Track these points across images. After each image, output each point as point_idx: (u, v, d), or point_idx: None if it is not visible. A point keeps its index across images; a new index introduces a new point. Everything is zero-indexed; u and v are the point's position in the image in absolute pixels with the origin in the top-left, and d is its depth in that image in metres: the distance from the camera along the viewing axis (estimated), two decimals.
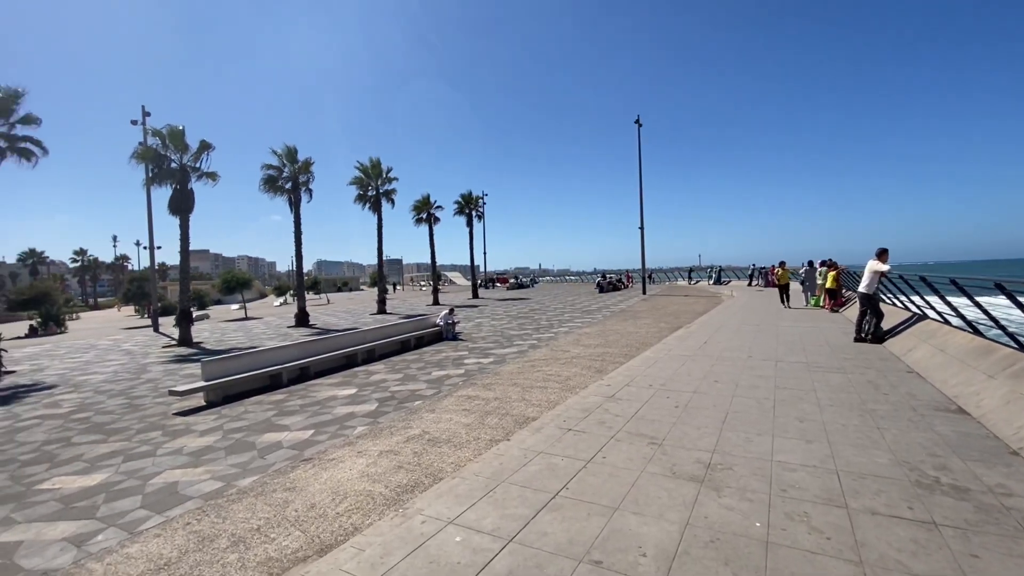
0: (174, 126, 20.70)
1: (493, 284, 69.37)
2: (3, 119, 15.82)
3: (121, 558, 4.20)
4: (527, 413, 7.52)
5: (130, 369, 14.61)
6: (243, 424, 8.22)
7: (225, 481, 5.84)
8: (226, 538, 4.39)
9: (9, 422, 9.21)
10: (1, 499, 5.70)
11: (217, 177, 21.55)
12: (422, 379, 10.96)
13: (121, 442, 7.61)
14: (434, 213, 37.85)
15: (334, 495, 5.12)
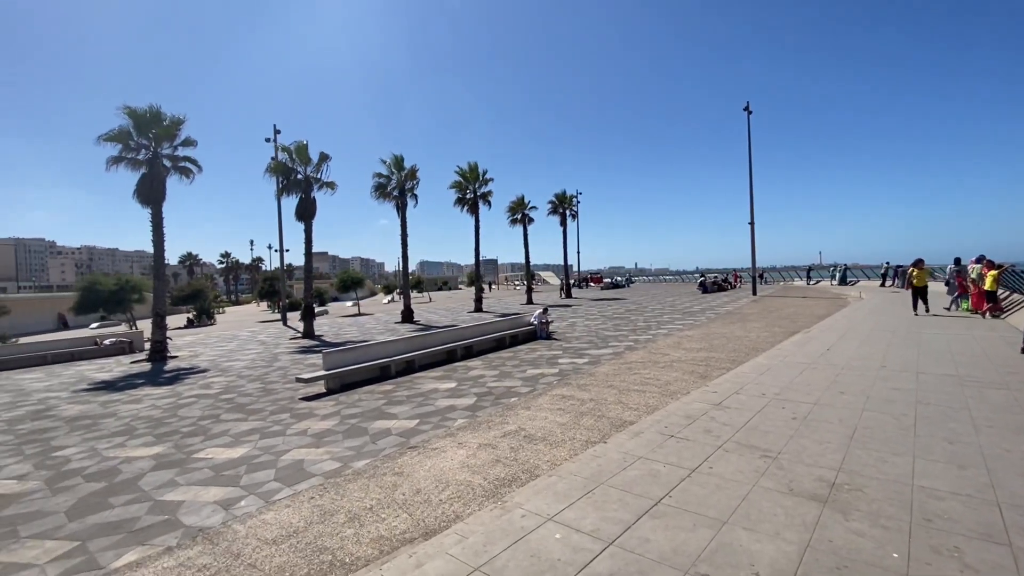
0: (300, 142, 23.15)
1: (587, 284, 68.56)
2: (168, 143, 18.80)
3: (259, 523, 4.77)
4: (624, 416, 7.32)
5: (264, 358, 16.59)
6: (357, 411, 8.95)
7: (342, 462, 6.39)
8: (344, 514, 4.80)
9: (173, 399, 10.91)
10: (168, 464, 6.77)
11: (335, 186, 23.74)
12: (517, 376, 11.13)
13: (258, 421, 8.66)
14: (528, 213, 38.32)
15: (437, 482, 5.38)
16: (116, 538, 4.71)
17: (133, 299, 27.11)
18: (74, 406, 10.72)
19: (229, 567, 3.99)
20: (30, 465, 7.01)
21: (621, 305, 30.91)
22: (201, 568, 4.00)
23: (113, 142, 17.52)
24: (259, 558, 4.09)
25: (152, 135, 18.04)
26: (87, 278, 29.88)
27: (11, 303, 34.20)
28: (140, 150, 18.00)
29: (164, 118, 18.19)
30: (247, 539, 4.44)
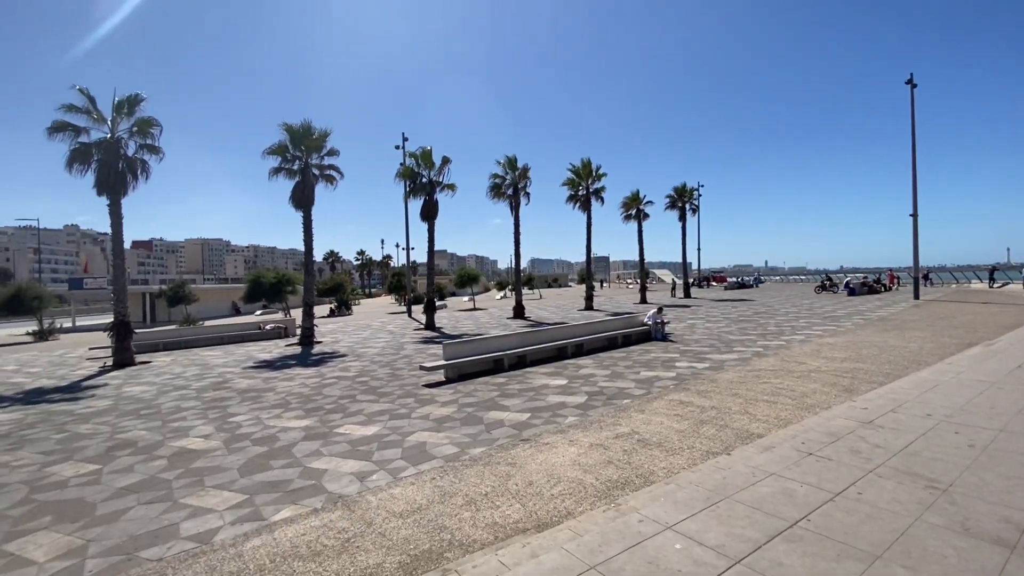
0: (425, 147, 24.84)
1: (708, 283, 64.24)
2: (316, 154, 21.33)
3: (388, 497, 5.21)
4: (751, 428, 6.73)
5: (392, 346, 18.12)
6: (473, 400, 9.37)
7: (460, 448, 6.74)
8: (461, 497, 5.06)
9: (318, 380, 12.37)
10: (314, 436, 7.69)
11: (455, 188, 25.09)
12: (630, 377, 10.80)
13: (387, 404, 9.47)
14: (643, 209, 36.92)
15: (549, 477, 5.43)
16: (275, 495, 5.48)
17: (288, 291, 31.34)
18: (244, 380, 12.68)
19: (363, 533, 4.42)
20: (212, 427, 8.44)
21: (748, 307, 28.46)
22: (340, 531, 4.48)
23: (274, 155, 20.34)
24: (388, 528, 4.47)
25: (304, 147, 20.61)
26: (253, 272, 35.29)
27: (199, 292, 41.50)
28: (294, 161, 20.67)
29: (313, 132, 20.65)
30: (378, 510, 4.88)
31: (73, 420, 9.31)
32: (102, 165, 16.33)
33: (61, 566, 4.23)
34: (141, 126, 16.87)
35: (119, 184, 16.53)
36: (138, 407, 10.17)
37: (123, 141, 16.76)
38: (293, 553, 4.13)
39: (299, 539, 4.36)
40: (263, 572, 3.87)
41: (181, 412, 9.57)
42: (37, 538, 4.76)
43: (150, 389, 12.04)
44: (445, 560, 3.91)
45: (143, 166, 17.15)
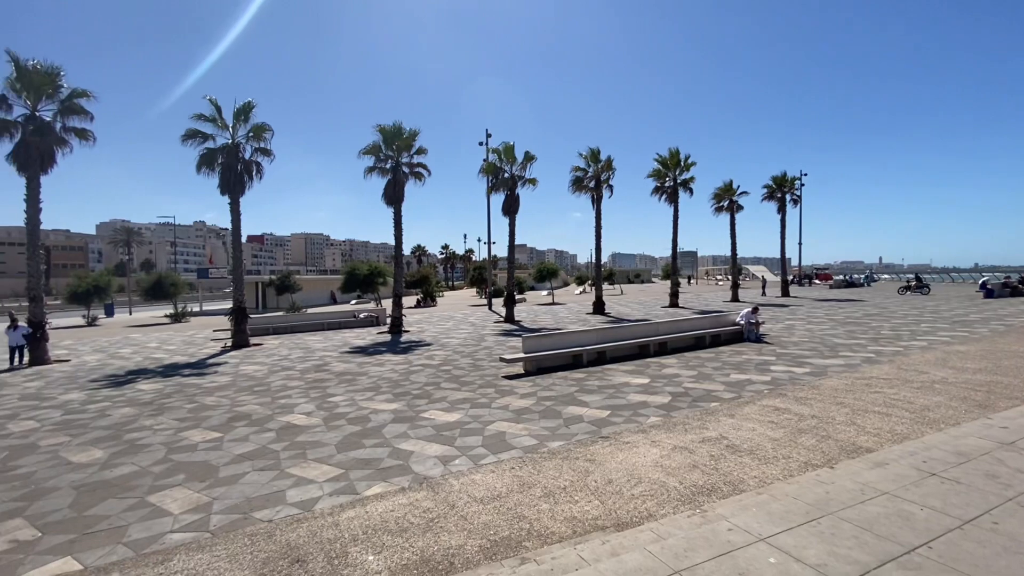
0: (507, 143, 25.15)
1: (809, 281, 58.98)
2: (407, 153, 22.42)
3: (469, 482, 5.38)
4: (859, 441, 6.10)
5: (474, 337, 18.64)
6: (552, 394, 9.39)
7: (538, 440, 6.79)
8: (540, 489, 5.10)
9: (406, 366, 13.05)
10: (402, 419, 8.13)
11: (536, 182, 25.14)
12: (719, 380, 10.23)
13: (469, 392, 9.78)
14: (737, 200, 34.62)
15: (629, 476, 5.31)
16: (367, 472, 5.87)
17: (379, 282, 33.36)
18: (340, 364, 13.71)
19: (446, 515, 4.61)
20: (313, 406, 9.22)
21: (858, 307, 25.77)
22: (425, 511, 4.71)
23: (368, 155, 21.67)
24: (469, 512, 4.62)
25: (395, 147, 21.74)
26: (349, 265, 37.98)
27: (303, 282, 45.45)
28: (387, 160, 21.88)
29: (404, 132, 21.71)
30: (460, 494, 5.06)
31: (200, 393, 10.62)
32: (224, 167, 18.36)
33: (191, 519, 4.85)
34: (256, 131, 18.72)
35: (238, 184, 18.50)
36: (252, 384, 11.36)
37: (241, 146, 18.71)
38: (383, 527, 4.41)
39: (388, 514, 4.65)
40: (356, 542, 4.17)
41: (287, 390, 10.55)
42: (173, 493, 5.49)
43: (261, 368, 13.40)
44: (523, 549, 3.96)
45: (257, 167, 19.05)
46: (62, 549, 4.36)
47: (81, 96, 16.19)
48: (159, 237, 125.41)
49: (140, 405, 9.61)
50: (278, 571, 3.78)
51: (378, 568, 3.76)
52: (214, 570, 3.83)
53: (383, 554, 3.96)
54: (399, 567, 3.77)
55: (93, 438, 7.60)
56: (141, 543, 4.41)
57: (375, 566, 3.79)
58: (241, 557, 4.01)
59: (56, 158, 16.00)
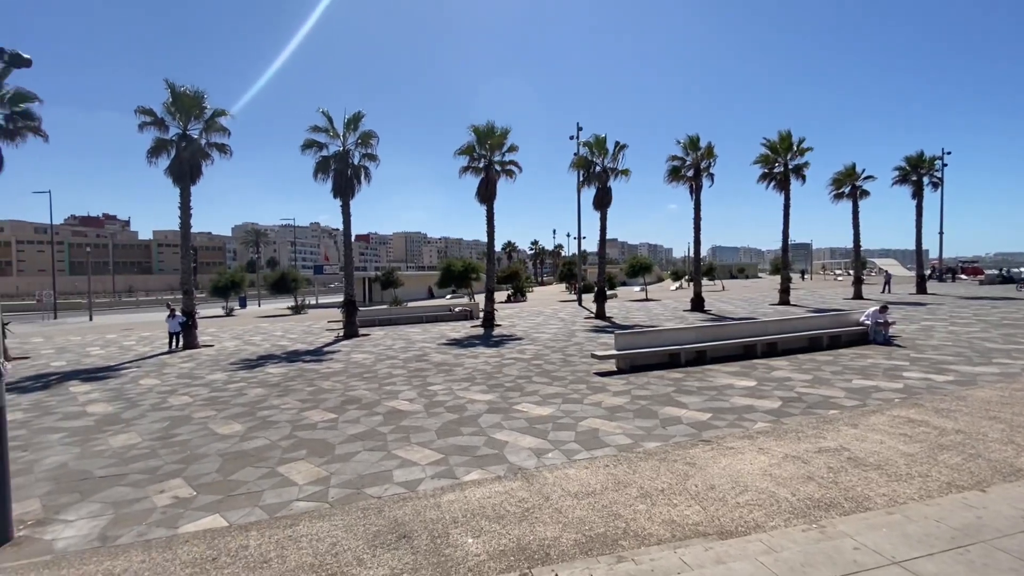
0: (598, 135, 24.68)
1: (952, 275, 51.12)
2: (498, 151, 22.91)
3: (563, 476, 5.40)
4: (1018, 463, 5.20)
5: (564, 333, 18.62)
6: (647, 393, 9.10)
7: (633, 439, 6.62)
8: (636, 489, 4.98)
9: (498, 359, 13.38)
10: (496, 410, 8.36)
11: (629, 173, 24.41)
12: (838, 385, 9.25)
13: (560, 387, 9.79)
14: (860, 185, 30.89)
15: (734, 483, 5.00)
16: (465, 459, 6.13)
17: (472, 277, 34.46)
18: (438, 355, 14.41)
19: (540, 506, 4.67)
20: (415, 393, 9.80)
21: (1016, 306, 21.88)
22: (521, 500, 4.81)
23: (463, 155, 22.45)
24: (564, 506, 4.64)
25: (488, 146, 22.30)
26: (445, 261, 39.77)
27: (403, 278, 48.37)
28: (480, 159, 22.51)
29: (496, 131, 22.19)
30: (554, 487, 5.10)
31: (318, 377, 11.74)
32: (337, 173, 20.06)
33: (313, 490, 5.40)
34: (364, 138, 20.22)
35: (349, 188, 20.13)
36: (361, 371, 12.34)
37: (351, 152, 20.31)
38: (481, 512, 4.58)
39: (486, 500, 4.82)
40: (456, 524, 4.38)
41: (392, 378, 11.32)
42: (297, 466, 6.15)
43: (369, 356, 14.50)
44: (620, 547, 3.90)
45: (365, 172, 20.58)
46: (211, 507, 5.07)
47: (220, 115, 18.57)
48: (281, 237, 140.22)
49: (269, 386, 10.87)
50: (387, 545, 4.09)
51: (477, 551, 3.92)
52: (332, 538, 4.24)
53: (481, 538, 4.11)
54: (497, 552, 3.89)
55: (233, 413, 8.73)
56: (273, 508, 4.99)
57: (474, 549, 3.95)
58: (356, 528, 4.39)
59: (202, 170, 18.56)
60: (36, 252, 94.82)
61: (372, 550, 4.01)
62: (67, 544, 4.42)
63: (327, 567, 3.80)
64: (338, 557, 3.92)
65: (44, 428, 8.16)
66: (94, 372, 13.40)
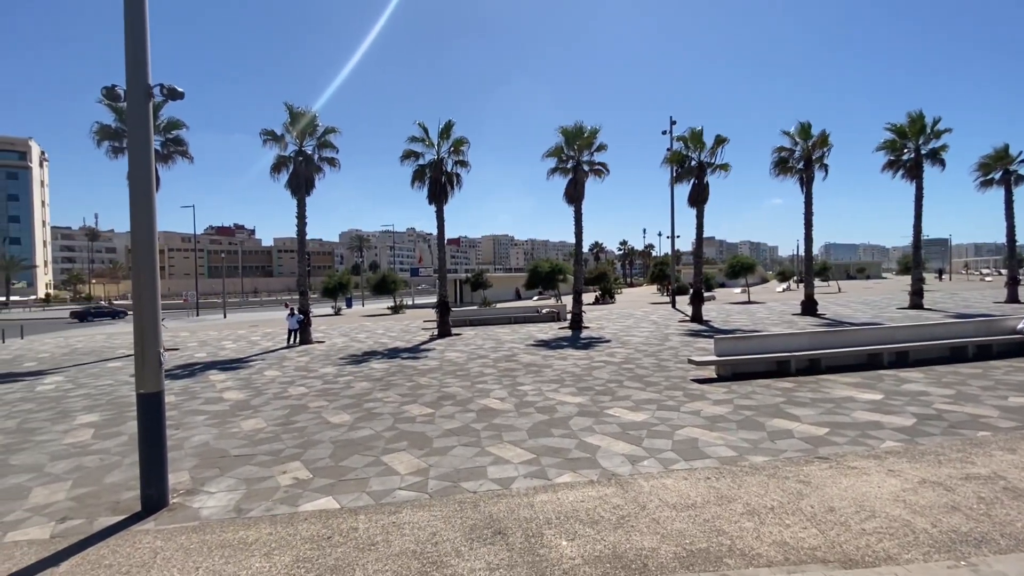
0: (694, 128, 23.45)
1: None
2: (587, 151, 22.63)
3: (660, 485, 5.19)
4: None
5: (656, 336, 17.92)
6: (752, 403, 8.46)
7: (737, 452, 6.19)
8: (741, 504, 4.64)
9: (587, 362, 13.20)
10: (587, 413, 8.24)
11: (728, 168, 22.93)
12: (989, 403, 7.94)
13: (654, 393, 9.43)
14: (1015, 170, 26.30)
15: (858, 508, 4.48)
16: (556, 460, 6.12)
17: (559, 279, 34.42)
18: (527, 356, 14.56)
19: (636, 514, 4.52)
20: (506, 392, 9.97)
21: None
22: (615, 507, 4.69)
23: (551, 157, 22.49)
24: (661, 516, 4.45)
25: (576, 146, 22.14)
26: (532, 263, 40.11)
27: (492, 280, 49.55)
28: (568, 160, 22.42)
29: (584, 131, 21.97)
30: (650, 495, 4.91)
31: (416, 373, 12.39)
32: (431, 181, 21.07)
33: (414, 480, 5.69)
34: (456, 145, 21.03)
35: (442, 194, 21.05)
36: (455, 369, 12.82)
37: (444, 160, 21.22)
38: (574, 515, 4.54)
39: (579, 504, 4.76)
40: (550, 525, 4.38)
41: (483, 376, 11.63)
42: (399, 456, 6.52)
43: (462, 355, 15.02)
44: (725, 565, 3.66)
45: (457, 178, 21.39)
46: (325, 490, 5.54)
47: (331, 132, 20.32)
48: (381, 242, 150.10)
49: (373, 380, 11.66)
50: (483, 539, 4.19)
51: (572, 554, 3.89)
52: (432, 527, 4.43)
53: (576, 542, 4.07)
54: (592, 557, 3.83)
55: (343, 404, 9.49)
56: (378, 494, 5.34)
57: (569, 552, 3.92)
58: (453, 520, 4.56)
59: (315, 183, 20.43)
60: (182, 258, 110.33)
61: (469, 543, 4.13)
62: (210, 513, 5.07)
63: (428, 555, 3.98)
64: (438, 547, 4.10)
65: (190, 411, 9.44)
66: (228, 363, 15.28)
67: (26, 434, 8.18)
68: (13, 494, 5.73)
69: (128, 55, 5.27)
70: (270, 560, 4.03)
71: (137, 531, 4.70)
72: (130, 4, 5.22)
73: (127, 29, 5.24)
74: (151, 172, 5.42)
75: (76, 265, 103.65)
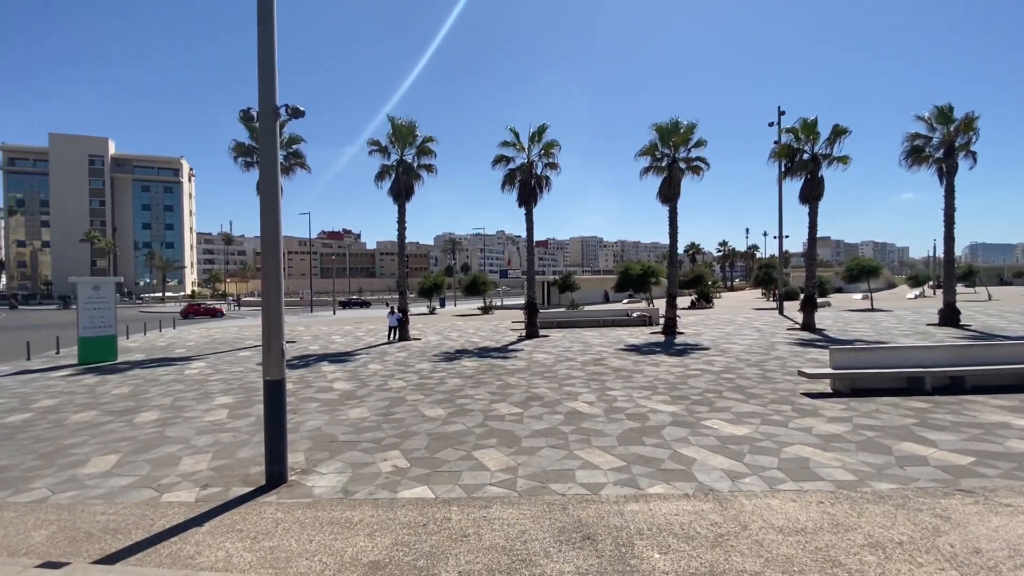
0: (806, 119, 21.39)
1: None
2: (684, 147, 21.58)
3: (764, 505, 4.80)
4: None
5: (761, 345, 16.61)
6: (875, 423, 7.54)
7: (857, 476, 5.54)
8: (861, 535, 4.16)
9: (682, 369, 12.58)
10: (681, 423, 7.86)
11: (848, 160, 20.66)
12: None
13: (758, 406, 8.75)
14: None
15: (1012, 552, 3.82)
16: (648, 470, 5.90)
17: (652, 282, 33.21)
18: (616, 360, 14.22)
19: (737, 534, 4.22)
20: (594, 396, 9.82)
21: None
22: (713, 524, 4.42)
23: (644, 156, 21.76)
24: (765, 539, 4.12)
25: (671, 143, 21.23)
26: (622, 265, 39.07)
27: (580, 282, 49.07)
28: (663, 159, 21.57)
29: (680, 126, 20.98)
30: (752, 515, 4.56)
31: (505, 372, 12.63)
32: (521, 184, 21.38)
33: (503, 477, 5.81)
34: (546, 148, 21.15)
35: (532, 197, 21.27)
36: (542, 370, 12.88)
37: (534, 163, 21.43)
38: (667, 528, 4.35)
39: (673, 517, 4.56)
40: (641, 535, 4.23)
41: (571, 379, 11.56)
42: (489, 453, 6.68)
43: (549, 357, 15.06)
44: None
45: (547, 181, 21.51)
46: (421, 479, 5.83)
47: (429, 141, 21.41)
48: (472, 245, 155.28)
49: (464, 377, 12.08)
50: (572, 543, 4.16)
51: (665, 568, 3.73)
52: (521, 526, 4.49)
53: (669, 555, 3.90)
54: (687, 574, 3.65)
55: (437, 399, 9.93)
56: (470, 488, 5.52)
57: (662, 565, 3.77)
58: (542, 520, 4.58)
59: (414, 189, 21.64)
60: (299, 260, 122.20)
61: (558, 545, 4.13)
62: (321, 492, 5.57)
63: (517, 552, 4.04)
64: (527, 545, 4.14)
65: (305, 398, 10.43)
66: (337, 356, 16.67)
67: (177, 411, 9.56)
68: (168, 461, 6.72)
69: (260, 82, 5.97)
70: (372, 540, 4.33)
71: (262, 502, 5.29)
72: (263, 40, 5.91)
73: (260, 60, 5.94)
74: (278, 183, 6.09)
75: (214, 266, 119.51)
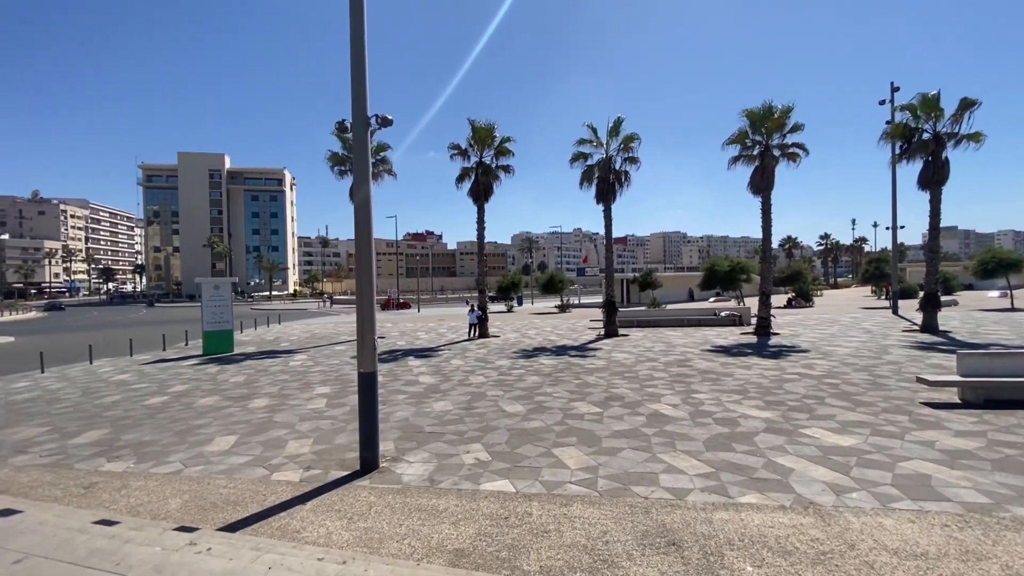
0: (926, 94, 18.94)
1: None
2: (778, 133, 19.97)
3: (875, 524, 4.35)
4: None
5: (871, 348, 15.00)
6: (1017, 440, 6.54)
7: (992, 499, 4.84)
8: (997, 566, 3.63)
9: (778, 372, 11.69)
10: (777, 430, 7.31)
11: (981, 138, 17.99)
12: None
13: (867, 415, 7.92)
14: None
15: None
16: (739, 478, 5.56)
17: (742, 279, 31.13)
18: (702, 362, 13.53)
19: (842, 553, 3.86)
20: (679, 399, 9.42)
21: None
22: (814, 540, 4.08)
23: (733, 144, 20.45)
24: (876, 561, 3.73)
25: (764, 130, 19.76)
26: (709, 261, 37.05)
27: (662, 279, 47.22)
28: (754, 146, 20.14)
29: (774, 111, 19.45)
30: (861, 534, 4.15)
31: (583, 372, 12.50)
32: (600, 180, 21.01)
33: (583, 476, 5.76)
34: (625, 142, 20.59)
35: (610, 193, 20.83)
36: (622, 370, 12.59)
37: (613, 158, 20.96)
38: (761, 541, 4.08)
39: (767, 530, 4.27)
40: (732, 546, 4.01)
41: (653, 380, 11.18)
42: (568, 451, 6.66)
43: (629, 356, 14.67)
44: None
45: (626, 176, 20.94)
46: (502, 473, 5.95)
47: (507, 141, 21.72)
48: (549, 243, 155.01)
49: (543, 375, 12.13)
50: (656, 547, 4.04)
51: None
52: (603, 526, 4.43)
53: (763, 570, 3.66)
54: None
55: (516, 395, 10.07)
56: (550, 484, 5.54)
57: None
58: (624, 522, 4.49)
59: (493, 189, 22.07)
60: (387, 260, 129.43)
61: (641, 549, 4.03)
62: (409, 479, 5.86)
63: (599, 552, 3.99)
64: (609, 546, 4.08)
65: (393, 390, 11.03)
66: (422, 351, 17.44)
67: (283, 398, 10.52)
68: (276, 443, 7.43)
69: (353, 96, 6.40)
70: (457, 529, 4.49)
71: (357, 486, 5.68)
72: (355, 57, 6.33)
73: (352, 76, 6.36)
74: (370, 189, 6.50)
75: (312, 267, 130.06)
